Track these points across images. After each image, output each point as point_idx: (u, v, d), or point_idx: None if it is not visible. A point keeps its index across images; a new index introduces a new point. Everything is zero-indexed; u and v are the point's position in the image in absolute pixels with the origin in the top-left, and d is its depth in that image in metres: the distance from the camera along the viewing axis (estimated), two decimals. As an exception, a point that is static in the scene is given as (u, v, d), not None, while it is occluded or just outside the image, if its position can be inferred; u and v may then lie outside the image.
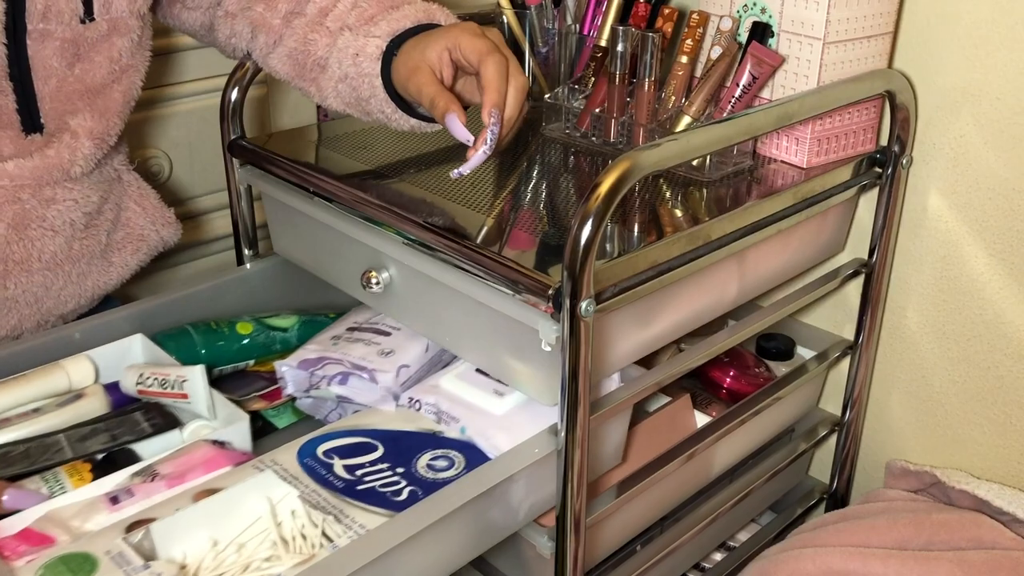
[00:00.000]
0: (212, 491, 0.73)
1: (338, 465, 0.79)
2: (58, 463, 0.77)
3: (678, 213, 0.85)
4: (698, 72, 0.97)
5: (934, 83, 0.97)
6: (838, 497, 1.15)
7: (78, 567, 0.65)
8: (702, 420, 0.98)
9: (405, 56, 0.84)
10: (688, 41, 0.94)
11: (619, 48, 0.95)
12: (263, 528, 0.72)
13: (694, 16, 0.94)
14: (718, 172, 0.91)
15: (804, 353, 1.12)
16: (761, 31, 0.92)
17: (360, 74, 0.86)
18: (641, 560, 0.93)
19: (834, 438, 1.13)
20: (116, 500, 0.73)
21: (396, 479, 0.77)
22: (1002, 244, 0.97)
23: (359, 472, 0.78)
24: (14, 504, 0.72)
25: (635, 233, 0.81)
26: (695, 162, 0.91)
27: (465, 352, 0.87)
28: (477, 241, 0.79)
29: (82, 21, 0.86)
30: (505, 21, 1.09)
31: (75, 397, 0.85)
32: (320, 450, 0.80)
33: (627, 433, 0.87)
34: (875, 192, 0.99)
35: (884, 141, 0.99)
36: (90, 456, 0.79)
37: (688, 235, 0.79)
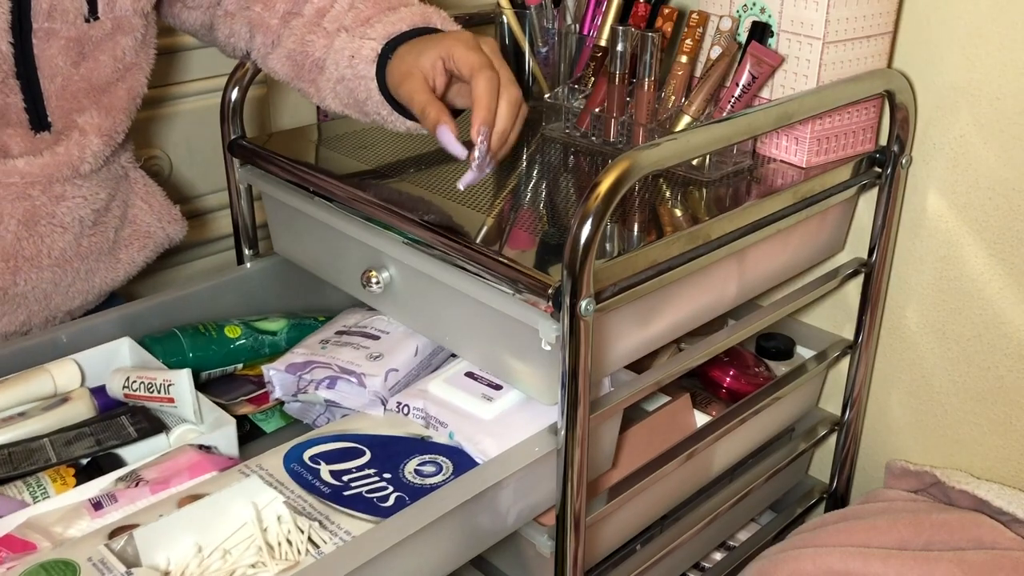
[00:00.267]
0: (197, 496, 0.72)
1: (324, 470, 0.78)
2: (41, 468, 0.76)
3: (678, 213, 0.85)
4: (698, 72, 0.97)
5: (933, 83, 0.97)
6: (838, 497, 1.15)
7: (59, 574, 0.64)
8: (702, 420, 0.98)
9: (399, 60, 0.83)
10: (688, 41, 0.94)
11: (619, 48, 0.95)
12: (248, 534, 0.71)
13: (694, 16, 0.94)
14: (718, 172, 0.92)
15: (804, 353, 1.12)
16: (761, 31, 0.92)
17: (356, 76, 0.86)
18: (641, 559, 0.93)
19: (834, 438, 1.13)
20: (99, 506, 0.72)
21: (383, 485, 0.77)
22: (1002, 244, 0.97)
23: (346, 478, 0.78)
24: None
25: (635, 232, 0.81)
26: (695, 162, 0.91)
27: (465, 351, 0.87)
28: (477, 241, 0.79)
29: (87, 20, 0.86)
30: (505, 21, 1.09)
31: (61, 401, 0.84)
32: (307, 455, 0.80)
33: (620, 435, 0.86)
34: (875, 192, 0.99)
35: (884, 141, 0.99)
36: (74, 461, 0.78)
37: (688, 234, 0.79)
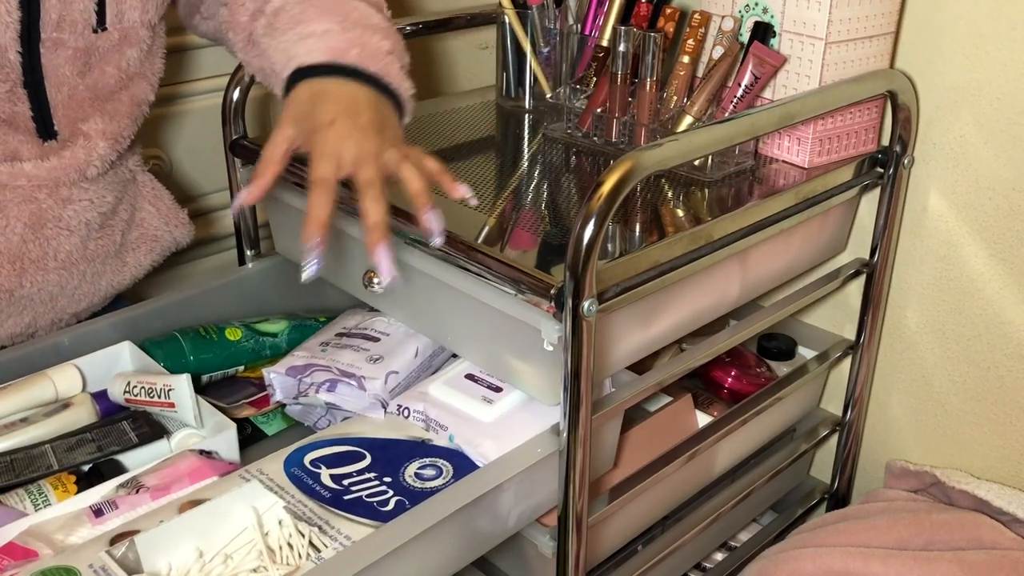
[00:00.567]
0: (198, 502, 0.72)
1: (325, 475, 0.78)
2: (43, 475, 0.76)
3: (680, 213, 0.85)
4: (700, 72, 0.97)
5: (934, 83, 0.97)
6: (839, 497, 1.15)
7: None
8: (703, 420, 0.98)
9: (296, 92, 0.79)
10: (690, 41, 0.94)
11: (621, 48, 0.95)
12: (249, 539, 0.71)
13: (696, 16, 0.94)
14: (720, 172, 0.92)
15: (805, 353, 1.12)
16: (763, 31, 0.92)
17: (270, 76, 0.86)
18: (642, 560, 0.93)
19: (835, 438, 1.13)
20: (100, 513, 0.72)
21: (383, 489, 0.77)
22: (1002, 244, 0.97)
23: (346, 482, 0.77)
24: None
25: (637, 233, 0.81)
26: (697, 162, 0.91)
27: (466, 352, 0.87)
28: (479, 241, 0.79)
29: (94, 31, 0.87)
30: (507, 21, 1.09)
31: (62, 406, 0.84)
32: (307, 459, 0.80)
33: (621, 435, 0.86)
34: (876, 192, 0.99)
35: (885, 141, 0.99)
36: (76, 468, 0.77)
37: (690, 235, 0.79)
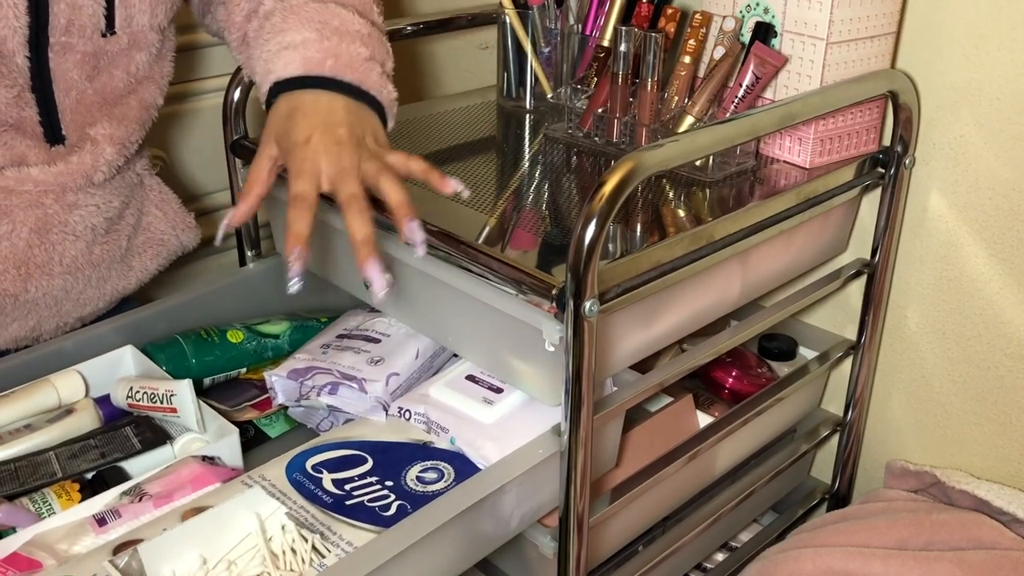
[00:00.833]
0: (200, 509, 0.72)
1: (327, 479, 0.78)
2: (47, 483, 0.76)
3: (681, 213, 0.85)
4: (701, 72, 0.97)
5: (934, 83, 0.97)
6: (840, 497, 1.15)
7: None
8: (704, 420, 0.98)
9: (276, 107, 0.80)
10: (691, 41, 0.94)
11: (622, 48, 0.95)
12: (253, 545, 0.71)
13: (697, 16, 0.94)
14: (721, 172, 0.92)
15: (806, 353, 1.12)
16: (764, 31, 0.92)
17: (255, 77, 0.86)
18: (643, 560, 0.93)
19: (836, 438, 1.13)
20: (103, 522, 0.72)
21: (385, 493, 0.77)
22: (1002, 244, 0.97)
23: (348, 487, 0.77)
24: (7, 521, 0.71)
25: (638, 233, 0.81)
26: (698, 162, 0.91)
27: (468, 352, 0.87)
28: (480, 241, 0.79)
29: (103, 35, 0.86)
30: (507, 21, 1.09)
31: (66, 412, 0.84)
32: (309, 464, 0.80)
33: (622, 436, 0.86)
34: (877, 192, 0.99)
35: (887, 141, 0.99)
36: (79, 476, 0.77)
37: (691, 235, 0.79)
